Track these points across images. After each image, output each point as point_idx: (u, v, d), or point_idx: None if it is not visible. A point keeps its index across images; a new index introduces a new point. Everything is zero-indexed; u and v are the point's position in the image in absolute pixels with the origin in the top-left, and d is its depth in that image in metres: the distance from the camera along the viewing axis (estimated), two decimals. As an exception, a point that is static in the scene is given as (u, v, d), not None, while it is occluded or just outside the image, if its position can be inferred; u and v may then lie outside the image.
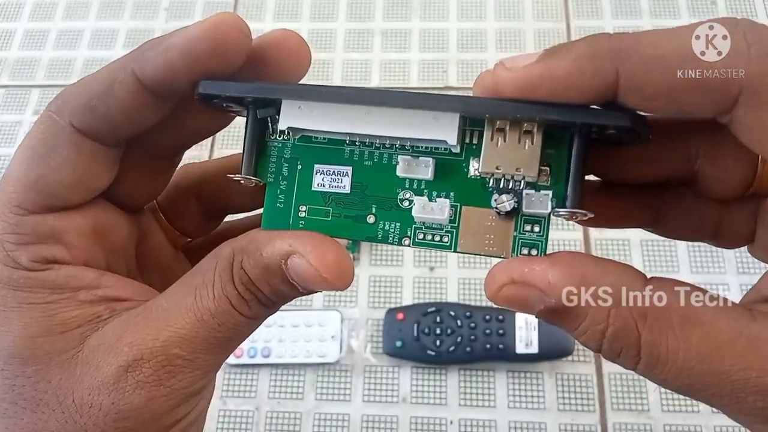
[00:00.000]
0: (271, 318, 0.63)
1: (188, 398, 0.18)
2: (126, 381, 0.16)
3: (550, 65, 0.15)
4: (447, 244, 0.18)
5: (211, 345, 0.17)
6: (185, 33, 0.16)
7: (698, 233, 0.20)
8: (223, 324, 0.17)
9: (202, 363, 0.17)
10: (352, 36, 0.69)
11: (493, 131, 0.17)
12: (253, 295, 0.17)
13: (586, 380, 0.52)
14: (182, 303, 0.17)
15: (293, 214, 0.19)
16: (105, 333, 0.17)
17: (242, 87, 0.17)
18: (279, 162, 0.19)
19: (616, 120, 0.15)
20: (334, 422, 0.52)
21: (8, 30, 0.73)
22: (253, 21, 0.70)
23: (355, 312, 0.55)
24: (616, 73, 0.14)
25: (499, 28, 0.68)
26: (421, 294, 0.56)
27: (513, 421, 0.51)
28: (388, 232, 0.18)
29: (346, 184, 0.18)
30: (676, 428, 0.50)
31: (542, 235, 0.18)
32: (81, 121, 0.17)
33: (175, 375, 0.17)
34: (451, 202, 0.18)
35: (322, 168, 0.18)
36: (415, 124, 0.17)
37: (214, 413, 0.53)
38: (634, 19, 0.67)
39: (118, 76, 0.17)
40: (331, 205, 0.18)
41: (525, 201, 0.17)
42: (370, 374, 0.53)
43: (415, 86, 0.64)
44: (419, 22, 0.69)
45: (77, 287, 0.18)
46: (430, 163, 0.18)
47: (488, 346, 0.51)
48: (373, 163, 0.18)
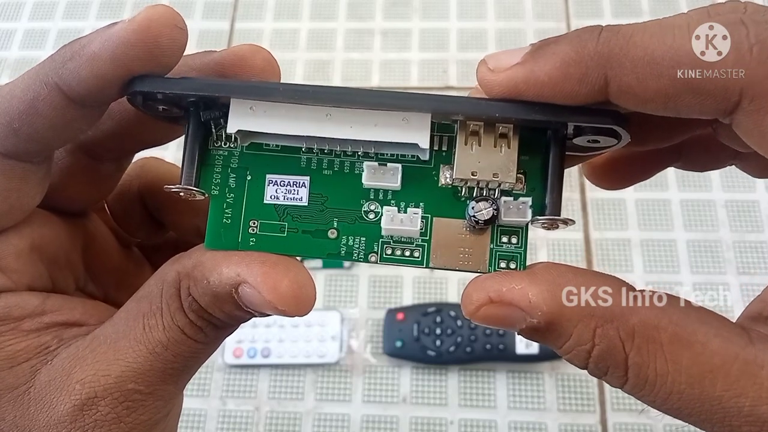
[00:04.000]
0: (271, 318, 0.63)
1: (156, 426, 0.17)
2: (83, 420, 0.15)
3: (534, 69, 0.14)
4: (418, 260, 0.16)
5: (168, 376, 0.16)
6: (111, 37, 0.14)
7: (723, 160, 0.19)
8: (179, 354, 0.16)
9: (162, 393, 0.16)
10: (352, 36, 0.69)
11: (466, 135, 0.16)
12: (206, 321, 0.16)
13: (586, 380, 0.52)
14: (131, 334, 0.16)
15: (242, 231, 0.16)
16: (55, 367, 0.16)
17: (186, 84, 0.15)
18: (225, 172, 0.16)
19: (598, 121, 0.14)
20: (334, 422, 0.52)
21: (8, 30, 0.72)
22: (253, 21, 0.69)
23: (355, 312, 0.55)
24: (605, 77, 0.13)
25: (499, 28, 0.68)
26: (422, 294, 0.56)
27: (513, 422, 0.51)
28: (353, 248, 0.16)
29: (303, 196, 0.16)
30: (676, 428, 0.50)
31: (520, 246, 0.16)
32: (5, 145, 0.15)
33: (135, 410, 0.16)
34: (422, 213, 0.16)
35: (275, 178, 0.16)
36: (383, 125, 0.15)
37: (214, 413, 0.53)
38: (634, 19, 0.67)
39: (40, 92, 0.15)
40: (287, 219, 0.16)
41: (503, 209, 0.16)
42: (370, 374, 0.53)
43: (415, 86, 0.64)
44: (419, 22, 0.69)
45: (20, 317, 0.16)
46: (398, 170, 0.16)
47: (488, 347, 0.51)
48: (333, 172, 0.16)
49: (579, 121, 0.15)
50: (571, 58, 0.13)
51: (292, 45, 0.68)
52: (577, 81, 0.14)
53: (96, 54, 0.14)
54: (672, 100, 0.13)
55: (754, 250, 0.55)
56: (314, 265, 0.57)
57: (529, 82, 0.14)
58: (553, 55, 0.14)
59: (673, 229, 0.57)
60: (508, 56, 0.14)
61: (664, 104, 0.13)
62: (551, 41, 0.14)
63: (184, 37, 0.15)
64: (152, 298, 0.16)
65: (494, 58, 0.15)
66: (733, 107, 0.13)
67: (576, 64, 0.13)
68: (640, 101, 0.14)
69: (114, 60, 0.14)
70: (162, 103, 0.16)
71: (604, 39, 0.13)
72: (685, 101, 0.13)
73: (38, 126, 0.15)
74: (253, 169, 0.16)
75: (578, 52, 0.13)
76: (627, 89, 0.13)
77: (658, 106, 0.14)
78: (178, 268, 0.16)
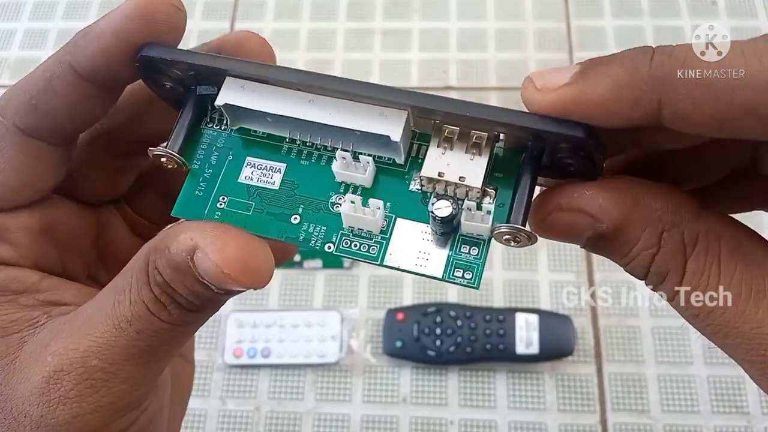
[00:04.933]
0: (271, 318, 0.63)
1: (120, 412, 0.16)
2: (50, 394, 0.16)
3: (585, 89, 0.14)
4: (374, 256, 0.16)
5: (132, 355, 0.16)
6: (114, 14, 0.16)
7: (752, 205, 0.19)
8: (142, 331, 0.16)
9: (127, 376, 0.16)
10: (352, 36, 0.69)
11: (440, 140, 0.16)
12: (170, 298, 0.16)
13: (586, 380, 0.52)
14: (103, 309, 0.16)
15: (210, 204, 0.17)
16: (37, 339, 0.16)
17: (188, 55, 0.16)
18: (209, 150, 0.17)
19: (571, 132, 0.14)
20: (334, 423, 0.52)
21: (8, 30, 0.72)
22: (253, 21, 0.69)
23: (355, 312, 0.55)
24: (659, 101, 0.13)
25: (499, 28, 0.68)
26: (422, 294, 0.56)
27: (513, 422, 0.51)
28: (312, 234, 0.17)
29: (276, 181, 0.17)
30: (676, 428, 0.50)
31: (479, 258, 0.16)
32: (24, 120, 0.16)
33: (97, 390, 0.16)
34: (387, 212, 0.16)
35: (254, 161, 0.17)
36: (360, 116, 0.16)
37: (214, 413, 0.53)
38: (634, 19, 0.67)
39: (56, 70, 0.16)
40: (255, 199, 0.17)
41: (464, 214, 0.16)
42: (370, 374, 0.53)
43: (416, 86, 0.64)
44: (419, 22, 0.69)
45: (19, 291, 0.17)
46: (369, 165, 0.16)
47: (488, 347, 0.51)
48: (310, 163, 0.17)
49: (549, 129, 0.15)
50: (623, 81, 0.13)
51: (292, 45, 0.68)
52: (630, 104, 0.13)
53: (101, 30, 0.16)
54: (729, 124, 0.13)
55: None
56: (314, 265, 0.57)
57: (579, 103, 0.14)
58: (605, 77, 0.13)
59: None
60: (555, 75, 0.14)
61: (720, 128, 0.13)
62: (601, 61, 0.14)
63: (181, 16, 0.16)
64: (125, 272, 0.16)
65: (541, 77, 0.14)
66: None
67: (629, 87, 0.13)
68: (696, 125, 0.13)
69: (116, 34, 0.15)
70: (168, 79, 0.17)
71: (657, 62, 0.13)
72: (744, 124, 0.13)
73: (54, 103, 0.16)
74: (235, 151, 0.17)
75: (631, 74, 0.13)
76: (682, 114, 0.13)
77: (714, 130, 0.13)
78: (150, 242, 0.16)
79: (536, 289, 0.55)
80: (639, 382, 0.52)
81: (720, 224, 0.15)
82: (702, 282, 0.14)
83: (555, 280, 0.55)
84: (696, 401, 0.51)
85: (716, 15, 0.66)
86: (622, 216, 0.15)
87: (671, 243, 0.14)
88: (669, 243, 0.14)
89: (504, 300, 0.55)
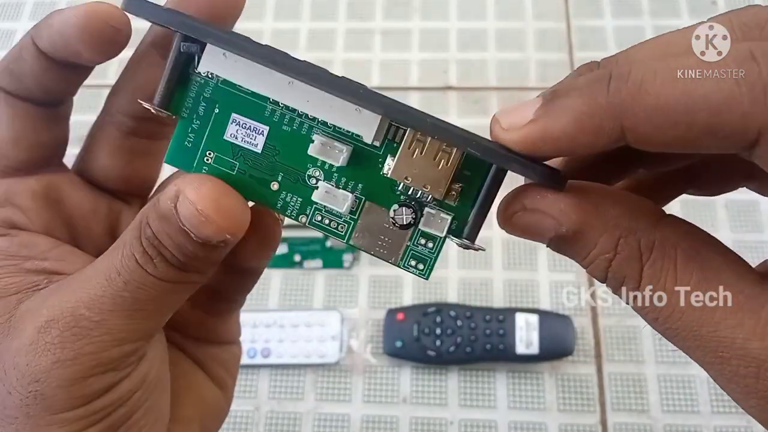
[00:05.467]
0: (272, 318, 0.63)
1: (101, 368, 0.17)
2: (38, 343, 0.16)
3: (548, 125, 0.14)
4: (341, 234, 0.18)
5: (117, 305, 0.17)
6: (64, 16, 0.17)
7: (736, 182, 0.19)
8: (129, 282, 0.17)
9: (110, 327, 0.17)
10: (352, 36, 0.69)
11: (412, 139, 0.16)
12: (156, 251, 0.17)
13: (586, 380, 0.52)
14: (98, 265, 0.17)
15: (199, 158, 0.18)
16: (36, 298, 0.17)
17: (168, 16, 0.16)
18: (197, 99, 0.18)
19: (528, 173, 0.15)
20: (334, 423, 0.52)
21: (8, 30, 0.72)
22: (253, 21, 0.69)
23: (355, 312, 0.55)
24: (621, 127, 0.13)
25: (499, 28, 0.68)
26: (421, 294, 0.56)
27: (513, 422, 0.51)
28: (288, 204, 0.18)
29: (259, 144, 0.17)
30: (676, 428, 0.50)
31: (434, 252, 0.17)
32: (5, 82, 0.18)
33: (81, 338, 0.16)
34: (358, 194, 0.17)
35: (239, 119, 0.17)
36: (336, 109, 0.16)
37: (214, 413, 0.53)
38: (634, 19, 0.67)
39: (25, 43, 0.18)
40: (239, 159, 0.18)
41: (424, 218, 0.17)
42: (370, 374, 0.53)
43: (415, 86, 0.64)
44: (419, 22, 0.69)
45: (27, 256, 0.18)
46: (344, 151, 0.17)
47: (488, 347, 0.51)
48: (291, 129, 0.17)
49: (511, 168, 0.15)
50: (584, 112, 0.14)
51: (292, 45, 0.68)
52: (593, 134, 0.14)
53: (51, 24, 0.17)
54: (690, 143, 0.13)
55: (754, 250, 0.55)
56: (314, 265, 0.57)
57: (545, 140, 0.14)
58: (566, 110, 0.14)
59: (673, 229, 0.56)
60: (519, 113, 0.15)
61: (682, 147, 0.13)
62: (561, 93, 0.14)
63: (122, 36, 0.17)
64: (123, 233, 0.17)
65: (506, 116, 0.15)
66: (752, 145, 0.13)
67: (589, 117, 0.13)
68: (659, 146, 0.14)
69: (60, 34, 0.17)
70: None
71: (614, 89, 0.13)
72: (704, 143, 0.13)
73: (24, 69, 0.18)
74: (221, 104, 0.18)
75: (590, 105, 0.13)
76: (644, 138, 0.13)
77: (677, 149, 0.14)
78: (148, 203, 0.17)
79: (536, 289, 0.55)
80: (639, 382, 0.52)
81: (678, 232, 0.15)
82: (659, 288, 0.15)
83: (555, 280, 0.55)
84: (696, 401, 0.51)
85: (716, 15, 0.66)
86: (582, 220, 0.15)
87: (627, 250, 0.15)
88: (625, 249, 0.15)
89: (504, 300, 0.55)
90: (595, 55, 0.15)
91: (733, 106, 0.12)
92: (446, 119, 0.15)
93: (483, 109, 0.63)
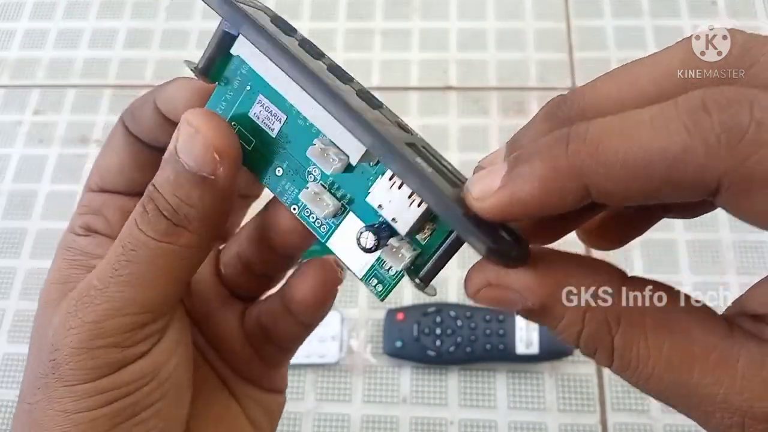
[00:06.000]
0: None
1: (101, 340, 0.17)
2: (57, 315, 0.18)
3: (514, 192, 0.14)
4: (322, 234, 0.19)
5: (116, 271, 0.17)
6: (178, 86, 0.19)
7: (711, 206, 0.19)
8: (126, 245, 0.17)
9: (110, 295, 0.17)
10: (352, 36, 0.69)
11: (393, 174, 0.17)
12: (153, 204, 0.17)
13: (586, 380, 0.52)
14: None
15: None
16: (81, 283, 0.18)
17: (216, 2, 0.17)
18: (234, 73, 0.19)
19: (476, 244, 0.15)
20: (334, 423, 0.52)
21: (8, 30, 0.73)
22: (253, 21, 0.69)
23: (355, 312, 0.55)
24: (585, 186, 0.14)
25: (499, 28, 0.68)
26: (422, 294, 0.55)
27: (513, 422, 0.51)
28: (286, 191, 0.19)
29: (276, 129, 0.18)
30: (676, 428, 0.50)
31: (394, 279, 0.18)
32: (128, 122, 0.20)
33: (86, 306, 0.17)
34: (344, 203, 0.18)
35: (264, 102, 0.18)
36: (333, 125, 0.17)
37: (214, 413, 0.53)
38: (634, 19, 0.67)
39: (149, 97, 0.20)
40: (257, 137, 0.19)
41: (387, 248, 0.17)
42: (371, 375, 0.53)
43: (415, 86, 0.64)
44: (419, 22, 0.69)
45: (99, 255, 0.19)
46: (337, 162, 0.17)
47: (488, 347, 0.51)
48: (306, 125, 0.18)
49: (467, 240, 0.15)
50: (546, 176, 0.14)
51: (292, 45, 0.68)
52: (558, 195, 0.14)
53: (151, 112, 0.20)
54: (653, 195, 0.13)
55: (754, 250, 0.55)
56: (314, 265, 0.57)
57: (513, 206, 0.14)
58: (529, 176, 0.14)
59: (674, 229, 0.57)
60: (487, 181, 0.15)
61: (646, 199, 0.14)
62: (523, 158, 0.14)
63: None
64: None
65: (476, 185, 0.15)
66: (714, 193, 0.13)
67: (553, 180, 0.14)
68: (624, 200, 0.14)
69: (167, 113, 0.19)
70: None
71: (573, 151, 0.14)
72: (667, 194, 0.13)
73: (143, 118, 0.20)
74: (252, 84, 0.19)
75: (552, 168, 0.14)
76: (607, 194, 0.14)
77: (641, 201, 0.14)
78: None
79: (536, 289, 0.55)
80: (639, 382, 0.52)
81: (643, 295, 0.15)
82: (633, 357, 0.15)
83: (555, 280, 0.55)
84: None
85: (716, 15, 0.66)
86: (546, 294, 0.15)
87: (594, 322, 0.15)
88: (592, 322, 0.15)
89: (504, 300, 0.55)
90: (595, 55, 0.15)
91: (688, 158, 0.12)
92: (446, 119, 0.15)
93: (483, 109, 0.63)
